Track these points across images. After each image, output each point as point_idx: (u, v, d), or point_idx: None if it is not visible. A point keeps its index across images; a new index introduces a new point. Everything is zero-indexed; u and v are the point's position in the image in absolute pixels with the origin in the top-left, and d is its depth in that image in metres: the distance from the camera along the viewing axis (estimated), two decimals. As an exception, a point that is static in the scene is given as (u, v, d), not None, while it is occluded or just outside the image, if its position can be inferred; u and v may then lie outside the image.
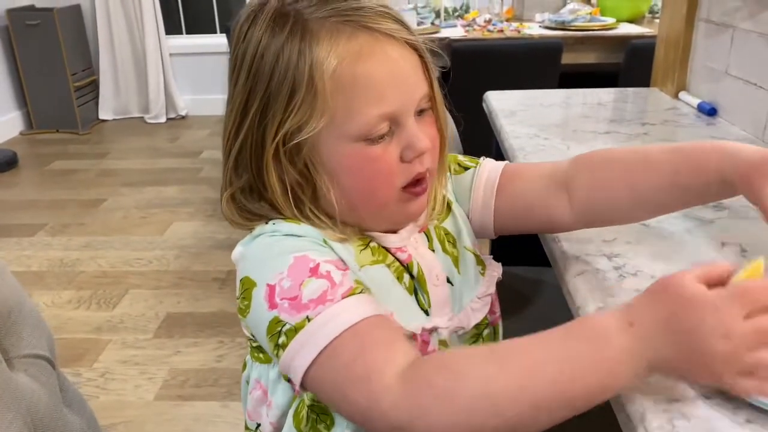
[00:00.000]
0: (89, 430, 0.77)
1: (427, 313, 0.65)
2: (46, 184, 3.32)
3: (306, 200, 0.61)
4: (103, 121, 4.32)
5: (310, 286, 0.54)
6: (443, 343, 0.66)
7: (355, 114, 0.56)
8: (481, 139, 1.57)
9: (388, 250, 0.65)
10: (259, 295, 0.56)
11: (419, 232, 0.68)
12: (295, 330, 0.53)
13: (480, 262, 0.72)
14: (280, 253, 0.57)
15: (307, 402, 0.63)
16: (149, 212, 2.92)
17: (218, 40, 4.08)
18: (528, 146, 1.08)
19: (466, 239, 0.72)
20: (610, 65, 2.58)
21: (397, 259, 0.65)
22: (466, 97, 2.16)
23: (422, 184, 0.62)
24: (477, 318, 0.69)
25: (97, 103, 4.30)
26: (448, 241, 0.70)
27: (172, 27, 4.35)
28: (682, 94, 1.35)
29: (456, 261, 0.70)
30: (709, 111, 1.24)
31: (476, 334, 0.70)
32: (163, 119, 4.32)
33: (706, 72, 1.29)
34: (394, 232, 0.66)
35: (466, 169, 0.74)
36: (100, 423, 0.83)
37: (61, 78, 3.93)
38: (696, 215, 0.81)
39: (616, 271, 0.68)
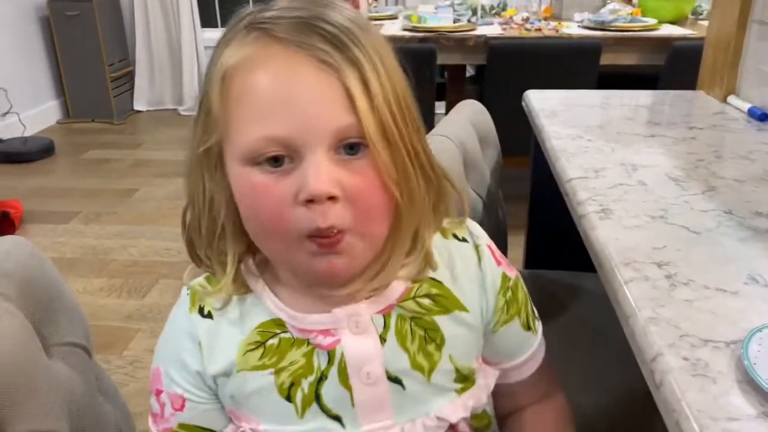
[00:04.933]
0: (123, 420, 0.77)
1: (336, 417, 0.57)
2: (81, 172, 3.37)
3: (225, 221, 0.55)
4: (138, 111, 4.38)
5: (152, 400, 0.62)
6: None
7: (240, 131, 0.50)
8: (518, 137, 1.54)
9: (308, 332, 0.57)
10: None
11: (377, 313, 0.58)
12: None
13: (464, 379, 0.61)
14: (157, 352, 0.63)
15: None
16: (180, 204, 2.91)
17: (253, 34, 4.08)
18: (571, 147, 1.05)
19: (460, 346, 0.60)
20: (650, 67, 2.52)
21: (315, 345, 0.57)
22: (503, 96, 2.14)
23: (331, 239, 0.50)
24: None
25: (132, 94, 4.36)
26: (422, 337, 0.58)
27: (207, 20, 4.39)
28: (731, 98, 1.30)
29: (420, 363, 0.58)
30: (761, 116, 1.19)
31: None
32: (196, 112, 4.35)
33: (759, 75, 1.24)
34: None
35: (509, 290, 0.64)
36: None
37: (98, 68, 3.99)
38: (750, 224, 0.77)
39: (667, 279, 0.65)
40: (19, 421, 0.56)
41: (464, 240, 0.63)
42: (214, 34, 4.38)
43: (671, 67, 2.38)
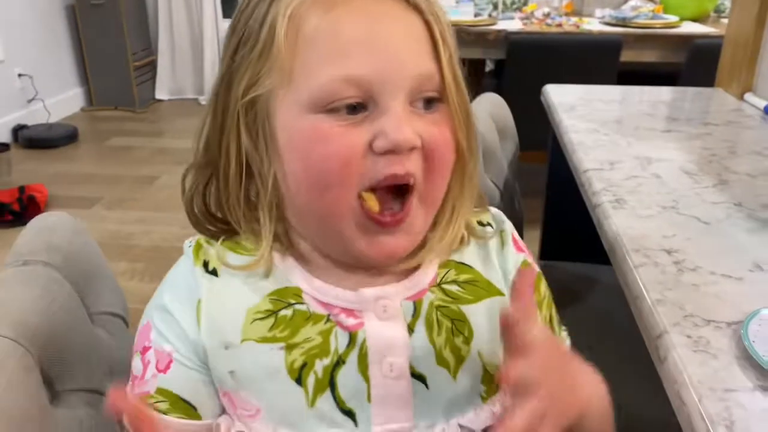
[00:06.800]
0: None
1: (349, 413, 0.51)
2: (104, 159, 3.44)
3: (261, 188, 0.50)
4: (159, 100, 4.44)
5: (135, 361, 0.54)
6: None
7: (312, 74, 0.45)
8: (536, 132, 1.57)
9: (329, 307, 0.51)
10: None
11: (407, 299, 0.52)
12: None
13: (491, 381, 0.54)
14: (148, 306, 0.56)
15: None
16: (201, 191, 2.99)
17: (274, 26, 4.13)
18: (588, 141, 1.08)
19: (488, 340, 0.53)
20: (671, 65, 2.52)
21: (336, 322, 0.51)
22: (522, 91, 2.16)
23: (396, 204, 0.48)
24: None
25: (154, 83, 4.42)
26: (449, 329, 0.52)
27: (229, 11, 4.43)
28: (748, 96, 1.32)
29: (446, 359, 0.52)
30: (776, 114, 1.21)
31: None
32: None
33: (775, 74, 1.26)
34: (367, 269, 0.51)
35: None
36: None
37: (121, 57, 4.05)
38: (759, 216, 0.80)
39: (675, 265, 0.68)
40: (69, 380, 0.61)
41: (488, 225, 0.59)
42: (235, 25, 4.43)
43: (692, 64, 2.38)
